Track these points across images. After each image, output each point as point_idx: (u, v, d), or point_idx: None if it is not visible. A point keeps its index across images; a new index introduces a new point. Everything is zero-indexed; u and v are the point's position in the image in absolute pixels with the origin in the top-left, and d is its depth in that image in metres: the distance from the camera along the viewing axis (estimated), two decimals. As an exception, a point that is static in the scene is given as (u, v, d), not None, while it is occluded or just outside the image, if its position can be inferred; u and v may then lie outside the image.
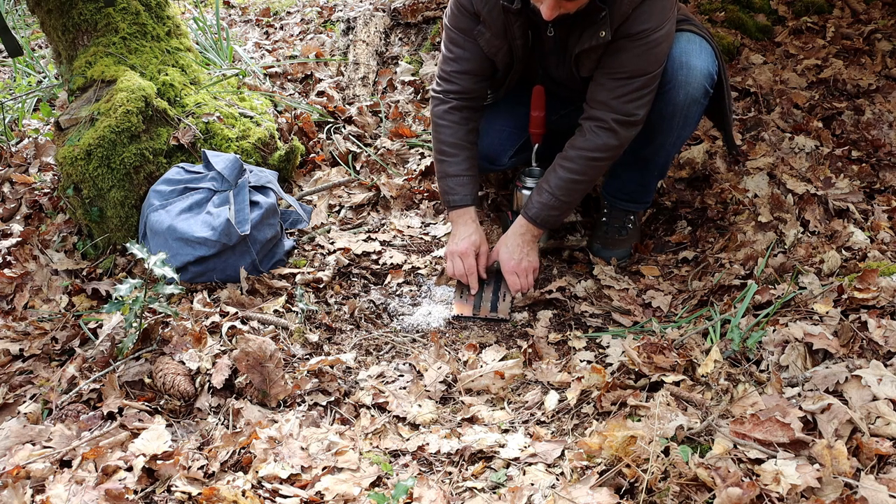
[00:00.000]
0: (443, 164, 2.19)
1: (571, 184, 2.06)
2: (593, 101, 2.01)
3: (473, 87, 2.13)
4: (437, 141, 2.19)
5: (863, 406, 1.44)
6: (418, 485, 1.44)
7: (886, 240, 2.10)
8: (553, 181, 2.08)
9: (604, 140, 1.99)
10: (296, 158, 2.80)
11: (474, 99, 2.17)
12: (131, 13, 2.57)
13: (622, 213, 2.36)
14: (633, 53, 1.90)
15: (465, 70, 2.10)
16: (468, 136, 2.18)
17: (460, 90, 2.13)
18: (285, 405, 1.75)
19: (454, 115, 2.14)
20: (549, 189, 2.09)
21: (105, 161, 2.28)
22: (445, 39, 2.11)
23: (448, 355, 1.95)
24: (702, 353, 1.76)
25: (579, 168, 2.04)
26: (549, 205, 2.10)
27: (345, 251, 2.40)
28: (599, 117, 1.99)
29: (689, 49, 2.00)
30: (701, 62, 2.00)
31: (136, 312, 1.78)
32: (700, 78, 1.99)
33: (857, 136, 2.66)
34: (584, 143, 2.02)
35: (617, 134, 1.98)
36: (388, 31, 3.75)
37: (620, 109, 1.96)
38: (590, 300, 2.19)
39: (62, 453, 1.53)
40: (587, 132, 2.02)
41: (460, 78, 2.11)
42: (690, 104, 2.03)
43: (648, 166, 2.21)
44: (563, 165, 2.06)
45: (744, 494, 1.25)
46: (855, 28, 3.30)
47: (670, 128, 2.07)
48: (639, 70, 1.92)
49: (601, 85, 1.98)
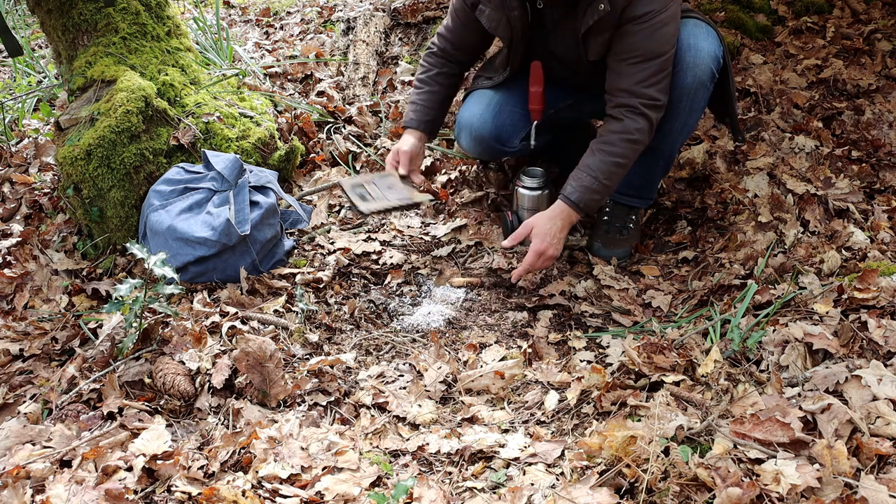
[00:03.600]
0: (411, 94, 2.47)
1: (614, 167, 2.07)
2: (616, 90, 2.05)
3: (454, 53, 2.40)
4: (417, 73, 2.47)
5: (863, 406, 1.44)
6: (418, 485, 1.44)
7: (886, 240, 2.10)
8: (595, 164, 2.07)
9: (639, 123, 2.03)
10: (296, 158, 2.80)
11: (453, 61, 2.41)
12: (131, 13, 2.57)
13: (624, 211, 2.36)
14: (642, 36, 1.95)
15: (450, 40, 2.38)
16: (438, 77, 2.40)
17: (443, 48, 2.40)
18: (285, 405, 1.75)
19: (432, 59, 2.42)
20: (591, 173, 2.07)
21: (105, 161, 2.28)
22: (451, 8, 2.36)
23: (448, 355, 1.95)
24: (702, 353, 1.76)
25: (621, 151, 2.06)
26: (591, 188, 2.07)
27: (345, 251, 2.40)
28: (627, 103, 2.03)
29: (697, 32, 2.07)
30: (708, 45, 2.06)
31: (136, 312, 1.78)
32: (707, 60, 2.06)
33: (857, 136, 2.66)
34: (622, 126, 2.05)
35: (648, 117, 2.03)
36: (388, 31, 3.75)
37: (644, 94, 2.01)
38: (590, 300, 2.19)
39: (62, 453, 1.53)
40: (621, 117, 2.05)
41: (444, 42, 2.39)
42: (697, 88, 2.08)
43: (655, 156, 2.22)
44: (603, 150, 2.07)
45: (744, 494, 1.25)
46: (855, 28, 3.30)
47: (677, 113, 2.11)
48: (651, 52, 1.97)
49: (619, 73, 2.03)
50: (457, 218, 2.58)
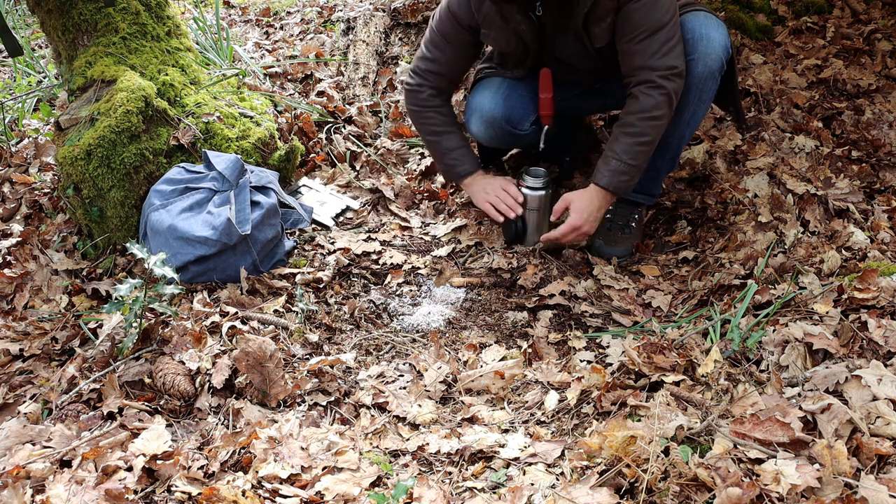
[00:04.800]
0: (439, 144, 2.34)
1: (637, 146, 2.10)
2: (632, 68, 2.08)
3: (446, 86, 2.33)
4: (426, 125, 2.33)
5: (863, 406, 1.44)
6: (418, 485, 1.44)
7: (886, 240, 2.10)
8: (618, 147, 2.12)
9: (657, 99, 2.06)
10: (296, 158, 2.80)
11: (447, 93, 2.35)
12: (131, 13, 2.57)
13: (628, 209, 2.37)
14: (643, 11, 1.99)
15: (440, 72, 2.29)
16: (453, 118, 2.35)
17: (432, 86, 2.30)
18: (285, 405, 1.75)
19: (435, 101, 2.31)
20: (615, 156, 2.12)
21: (105, 161, 2.28)
22: (427, 39, 2.27)
23: (448, 355, 1.95)
24: (702, 353, 1.76)
25: (641, 130, 2.09)
26: (618, 171, 2.13)
27: (345, 251, 2.40)
28: (645, 79, 2.05)
29: (708, 23, 2.11)
30: (719, 35, 2.10)
31: (136, 312, 1.78)
32: (719, 49, 2.09)
33: (857, 136, 2.66)
34: (639, 105, 2.08)
35: (666, 90, 2.05)
36: (388, 31, 3.75)
37: (660, 65, 2.03)
38: (590, 300, 2.19)
39: (62, 453, 1.53)
40: (639, 96, 2.07)
41: (434, 78, 2.29)
42: (707, 78, 2.11)
43: (663, 149, 2.24)
44: (624, 132, 2.11)
45: (744, 494, 1.25)
46: (855, 28, 3.30)
47: (686, 103, 2.14)
48: (655, 23, 2.00)
49: (631, 53, 2.06)
50: (457, 218, 2.58)
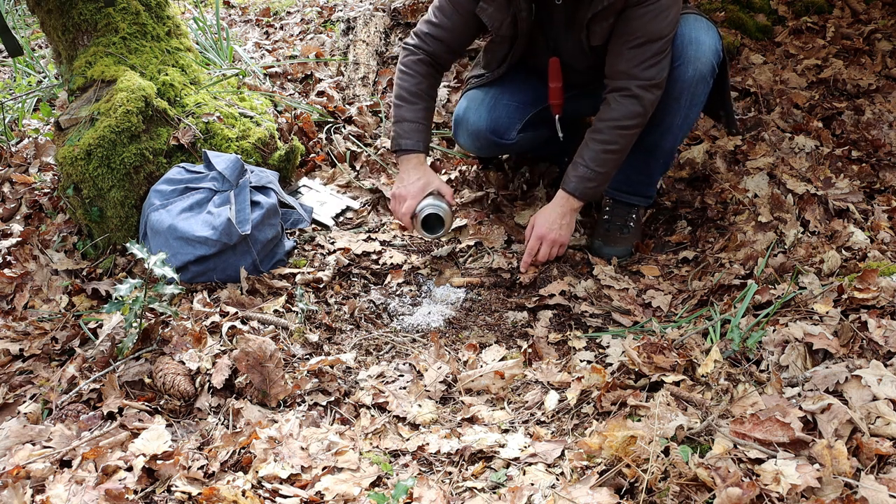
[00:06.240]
0: (400, 108, 2.26)
1: (604, 154, 2.12)
2: (614, 72, 2.08)
3: (443, 55, 2.27)
4: (400, 87, 2.27)
5: (863, 406, 1.44)
6: (418, 485, 1.44)
7: (886, 240, 2.10)
8: (587, 154, 2.14)
9: (630, 108, 2.06)
10: (296, 158, 2.80)
11: (442, 64, 2.30)
12: (131, 13, 2.57)
13: (624, 210, 2.37)
14: (645, 20, 1.99)
15: (441, 38, 2.23)
16: (430, 89, 2.28)
17: (431, 52, 2.25)
18: (285, 405, 1.75)
19: (421, 67, 2.25)
20: (583, 162, 2.14)
21: (105, 161, 2.28)
22: (435, 5, 2.24)
23: (448, 355, 1.95)
24: (702, 353, 1.76)
25: (610, 138, 2.10)
26: (585, 177, 2.15)
27: (345, 251, 2.40)
28: (622, 87, 2.06)
29: (698, 26, 2.11)
30: (709, 38, 2.10)
31: (136, 312, 1.78)
32: (709, 53, 2.09)
33: (857, 136, 2.66)
34: (611, 113, 2.09)
35: (641, 100, 2.05)
36: (388, 31, 3.75)
37: (642, 76, 2.04)
38: (590, 300, 2.19)
39: (62, 453, 1.53)
40: (612, 103, 2.08)
41: (434, 43, 2.24)
42: (698, 81, 2.11)
43: (655, 153, 2.25)
44: (594, 138, 2.13)
45: (744, 494, 1.25)
46: (855, 28, 3.30)
47: (678, 108, 2.14)
48: (653, 34, 2.00)
49: (620, 55, 2.06)
50: (457, 218, 2.58)
